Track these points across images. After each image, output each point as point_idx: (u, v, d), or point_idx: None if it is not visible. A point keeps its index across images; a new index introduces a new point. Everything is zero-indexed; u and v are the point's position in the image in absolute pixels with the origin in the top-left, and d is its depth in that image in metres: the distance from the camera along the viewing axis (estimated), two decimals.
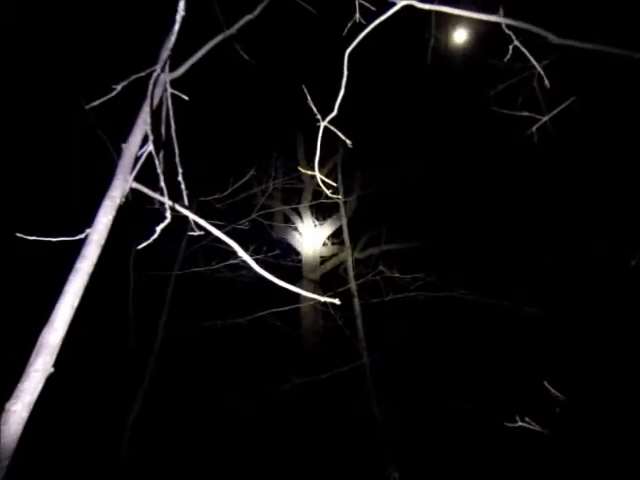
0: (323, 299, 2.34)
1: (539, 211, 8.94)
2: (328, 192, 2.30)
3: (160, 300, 7.39)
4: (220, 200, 6.60)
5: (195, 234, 2.73)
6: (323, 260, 10.47)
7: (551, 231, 8.70)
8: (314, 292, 9.06)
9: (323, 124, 2.08)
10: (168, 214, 2.02)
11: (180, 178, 2.85)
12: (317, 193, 10.20)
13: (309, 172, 9.37)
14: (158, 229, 2.02)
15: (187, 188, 2.80)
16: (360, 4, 2.08)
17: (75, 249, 2.04)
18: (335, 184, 3.19)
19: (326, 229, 10.71)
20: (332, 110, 2.46)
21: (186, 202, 2.85)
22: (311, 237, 10.52)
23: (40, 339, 1.72)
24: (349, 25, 2.13)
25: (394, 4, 1.86)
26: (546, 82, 2.49)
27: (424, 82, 7.59)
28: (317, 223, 10.57)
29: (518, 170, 8.18)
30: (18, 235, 1.99)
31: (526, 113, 3.07)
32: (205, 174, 7.47)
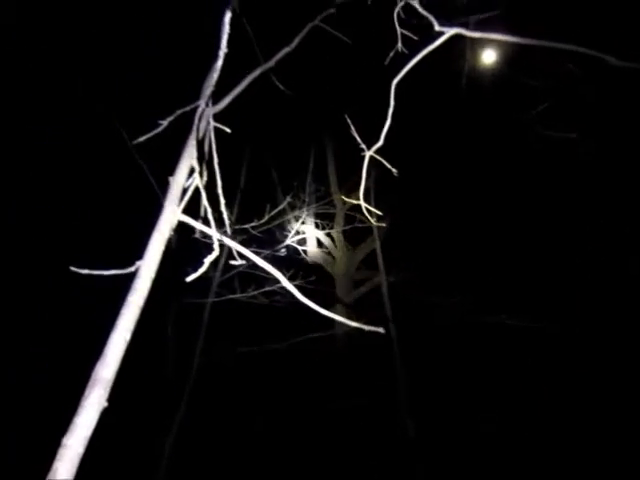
0: (362, 327, 2.32)
1: (578, 230, 8.71)
2: (367, 218, 2.28)
3: (196, 327, 7.45)
4: (256, 227, 6.68)
5: (237, 263, 2.76)
6: (357, 284, 10.41)
7: (585, 250, 8.46)
8: (348, 317, 8.96)
9: (368, 154, 2.08)
10: (216, 246, 2.04)
11: (223, 208, 2.91)
12: (350, 217, 10.22)
13: (342, 197, 9.40)
14: (207, 261, 2.04)
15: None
16: (402, 34, 2.09)
17: (126, 280, 2.08)
18: (369, 208, 3.17)
19: (360, 253, 10.66)
20: (371, 137, 2.47)
21: (229, 232, 2.89)
22: (345, 261, 10.49)
23: (94, 374, 1.74)
24: (391, 54, 2.14)
25: (441, 33, 1.86)
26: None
27: (457, 105, 7.58)
28: (350, 247, 10.56)
29: (556, 190, 8.03)
30: (72, 269, 2.03)
31: (574, 135, 3.00)
32: (241, 201, 7.62)
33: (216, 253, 2.04)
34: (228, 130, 2.85)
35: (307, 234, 9.99)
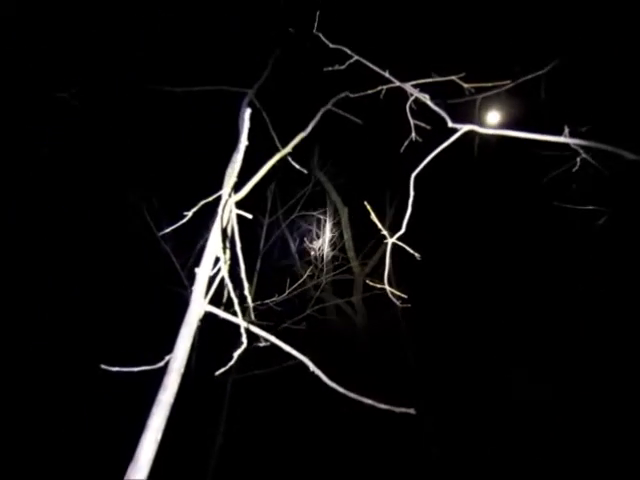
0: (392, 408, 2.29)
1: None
2: (393, 300, 2.29)
3: (219, 403, 7.32)
4: (278, 301, 6.71)
5: (261, 345, 2.77)
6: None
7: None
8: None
9: (391, 241, 2.13)
10: (244, 339, 2.05)
11: (246, 292, 2.95)
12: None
13: (359, 264, 9.35)
14: (235, 355, 2.04)
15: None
16: (415, 124, 2.19)
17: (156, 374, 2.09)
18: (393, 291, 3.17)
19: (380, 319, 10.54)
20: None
21: (252, 316, 2.91)
22: (365, 327, 10.35)
23: (126, 477, 1.71)
24: (405, 143, 2.24)
25: (455, 130, 1.96)
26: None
27: (469, 174, 7.76)
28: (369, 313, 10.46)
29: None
30: (102, 367, 2.05)
31: (590, 207, 3.04)
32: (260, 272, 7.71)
33: (244, 346, 2.05)
34: (249, 216, 2.95)
35: (327, 302, 9.97)
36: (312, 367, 2.57)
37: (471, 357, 8.72)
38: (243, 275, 2.95)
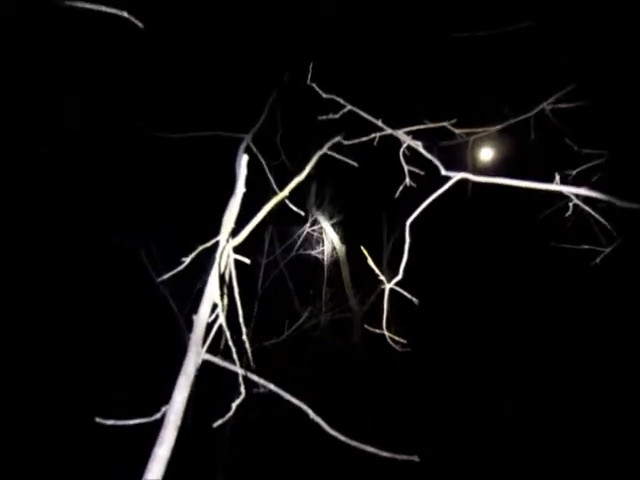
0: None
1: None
2: (392, 345, 2.27)
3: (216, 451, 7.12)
4: (276, 343, 6.64)
5: (260, 391, 2.72)
6: None
7: None
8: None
9: (388, 286, 2.13)
10: (242, 389, 2.02)
11: (244, 337, 2.92)
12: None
13: (357, 303, 9.30)
14: (234, 406, 2.00)
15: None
16: (409, 170, 2.24)
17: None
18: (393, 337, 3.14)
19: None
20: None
21: (251, 361, 2.87)
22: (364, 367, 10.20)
23: None
24: (400, 189, 2.27)
25: (449, 178, 2.00)
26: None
27: (464, 213, 7.85)
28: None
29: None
30: (97, 421, 2.01)
31: (586, 246, 3.06)
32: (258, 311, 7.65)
33: (242, 397, 2.02)
34: (247, 261, 2.96)
35: (325, 341, 9.83)
36: (312, 415, 2.53)
37: (468, 398, 8.60)
38: (241, 320, 2.94)
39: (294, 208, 4.35)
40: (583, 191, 1.87)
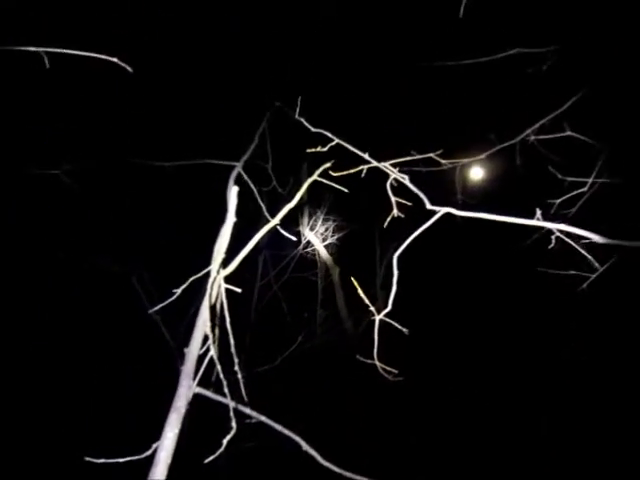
0: None
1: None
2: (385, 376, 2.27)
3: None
4: (270, 369, 6.59)
5: (253, 421, 2.70)
6: None
7: None
8: None
9: (378, 318, 2.15)
10: (234, 424, 2.00)
11: (237, 368, 2.91)
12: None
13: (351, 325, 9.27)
14: (225, 442, 1.99)
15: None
16: (397, 202, 2.27)
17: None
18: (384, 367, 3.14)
19: None
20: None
21: (244, 393, 2.85)
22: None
23: None
24: (388, 220, 2.30)
25: (434, 212, 2.04)
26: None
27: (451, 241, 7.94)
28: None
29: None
30: (86, 459, 1.99)
31: (573, 271, 3.10)
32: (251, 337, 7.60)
33: (233, 432, 2.01)
34: (239, 290, 2.96)
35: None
36: (305, 446, 2.51)
37: (462, 424, 8.55)
38: (233, 351, 2.93)
39: (286, 234, 4.38)
40: (562, 227, 1.92)
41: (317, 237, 10.61)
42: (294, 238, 4.46)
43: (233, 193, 2.76)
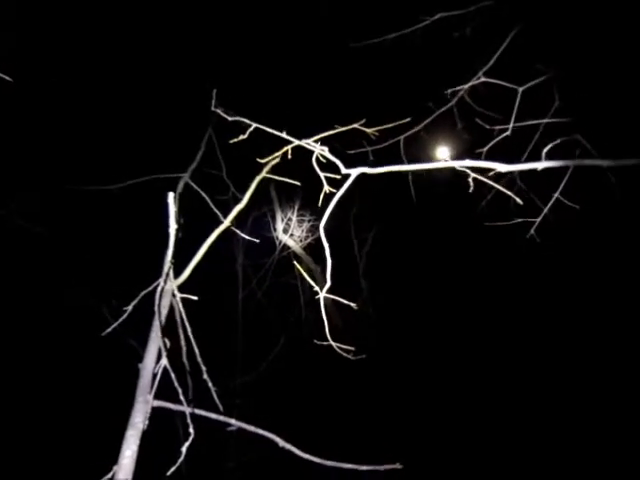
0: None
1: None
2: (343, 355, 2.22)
3: None
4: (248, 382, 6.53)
5: (231, 429, 2.62)
6: None
7: None
8: None
9: (322, 295, 2.11)
10: (192, 430, 1.93)
11: (205, 377, 2.83)
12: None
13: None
14: (184, 449, 1.92)
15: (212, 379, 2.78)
16: (325, 177, 2.23)
17: None
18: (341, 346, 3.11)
19: None
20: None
21: (216, 399, 2.78)
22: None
23: None
24: (321, 196, 2.26)
25: (349, 175, 2.00)
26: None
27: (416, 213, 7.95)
28: None
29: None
30: None
31: (519, 219, 3.09)
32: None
33: (192, 437, 1.93)
34: (195, 298, 2.89)
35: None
36: (281, 443, 2.45)
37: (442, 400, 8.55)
38: (199, 359, 2.86)
39: (246, 237, 4.31)
40: (467, 162, 1.90)
41: (293, 239, 10.55)
42: (257, 240, 4.40)
43: (171, 200, 2.69)
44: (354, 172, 2.01)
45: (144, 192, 4.31)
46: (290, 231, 10.27)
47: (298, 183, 4.05)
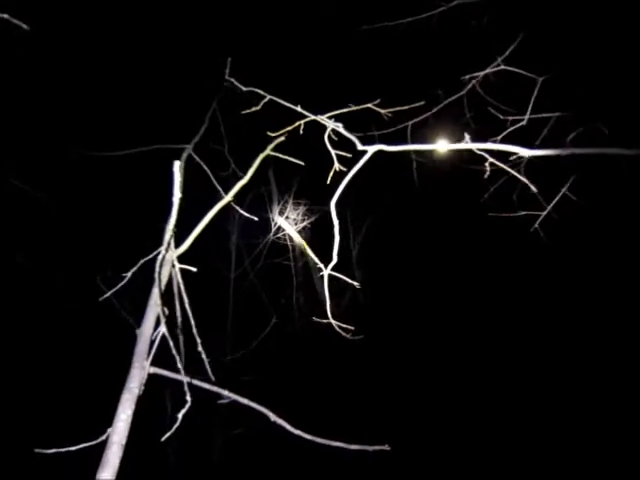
0: None
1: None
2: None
3: None
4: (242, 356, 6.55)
5: (224, 402, 2.63)
6: None
7: None
8: None
9: (327, 272, 2.10)
10: (188, 397, 1.94)
11: (200, 348, 2.83)
12: None
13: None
14: (180, 415, 1.92)
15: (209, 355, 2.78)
16: (337, 154, 2.21)
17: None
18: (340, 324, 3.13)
19: None
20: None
21: (209, 372, 2.78)
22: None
23: None
24: (331, 174, 2.24)
25: (365, 152, 1.98)
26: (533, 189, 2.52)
27: (415, 203, 7.93)
28: None
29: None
30: (37, 450, 1.91)
31: (523, 212, 3.09)
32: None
33: (188, 405, 1.94)
34: (194, 269, 2.87)
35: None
36: (273, 417, 2.46)
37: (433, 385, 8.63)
38: (194, 331, 2.85)
39: (247, 215, 4.29)
40: (487, 145, 1.89)
41: (288, 222, 10.52)
42: (255, 218, 4.38)
43: (176, 169, 2.65)
44: (371, 149, 1.99)
45: (143, 161, 4.26)
46: (286, 213, 10.25)
47: (302, 163, 4.03)
